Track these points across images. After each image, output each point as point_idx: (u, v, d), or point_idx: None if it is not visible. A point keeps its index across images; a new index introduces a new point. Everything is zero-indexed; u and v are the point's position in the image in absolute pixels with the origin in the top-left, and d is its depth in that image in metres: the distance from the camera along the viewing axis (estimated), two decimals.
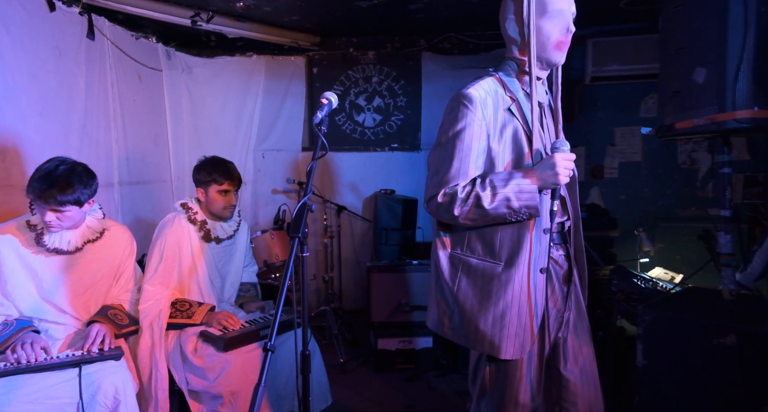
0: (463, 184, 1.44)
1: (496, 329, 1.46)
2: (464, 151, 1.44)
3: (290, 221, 1.39)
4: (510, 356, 1.46)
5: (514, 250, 1.46)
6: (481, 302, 1.48)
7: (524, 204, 1.39)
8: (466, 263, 1.51)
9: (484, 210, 1.40)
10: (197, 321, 2.14)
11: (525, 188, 1.39)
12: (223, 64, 4.26)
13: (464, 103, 1.44)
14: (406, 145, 4.55)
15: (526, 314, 1.47)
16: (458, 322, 1.52)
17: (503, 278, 1.46)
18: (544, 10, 1.44)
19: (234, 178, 2.26)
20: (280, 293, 1.23)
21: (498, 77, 1.54)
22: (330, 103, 1.57)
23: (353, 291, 4.49)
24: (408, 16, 3.85)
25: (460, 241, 1.54)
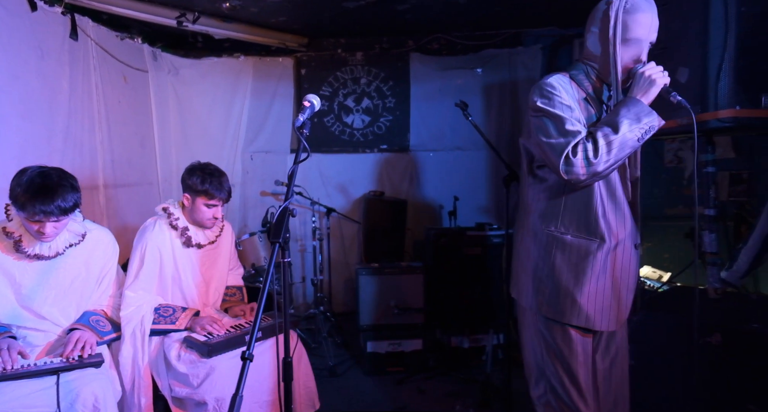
0: (583, 135, 1.48)
1: (591, 302, 1.55)
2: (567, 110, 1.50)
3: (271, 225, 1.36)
4: (605, 327, 1.56)
5: (610, 226, 1.55)
6: (576, 277, 1.56)
7: (645, 120, 1.44)
8: (561, 240, 1.58)
9: (615, 142, 1.43)
10: (181, 326, 2.11)
11: (636, 108, 1.45)
12: (211, 65, 4.22)
13: (548, 89, 1.53)
14: (395, 146, 4.54)
15: (621, 289, 1.58)
16: (553, 297, 1.59)
17: (599, 254, 1.54)
18: (623, 36, 1.50)
19: (224, 194, 2.22)
20: (260, 301, 1.21)
21: (568, 75, 1.61)
22: (312, 106, 1.55)
23: (343, 293, 4.47)
24: (396, 17, 3.84)
25: (554, 219, 1.60)
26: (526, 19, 4.04)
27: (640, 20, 1.48)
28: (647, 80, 1.46)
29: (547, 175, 1.62)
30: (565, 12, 3.87)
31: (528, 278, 1.66)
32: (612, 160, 1.44)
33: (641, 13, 1.48)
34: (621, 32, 1.49)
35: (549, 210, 1.61)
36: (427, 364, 3.32)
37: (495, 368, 3.16)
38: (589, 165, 1.44)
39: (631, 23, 1.49)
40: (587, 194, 1.56)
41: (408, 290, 3.36)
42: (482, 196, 4.49)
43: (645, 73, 1.47)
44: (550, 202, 1.62)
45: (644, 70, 1.48)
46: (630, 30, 1.49)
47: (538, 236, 1.63)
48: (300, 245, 4.49)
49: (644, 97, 1.47)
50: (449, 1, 3.48)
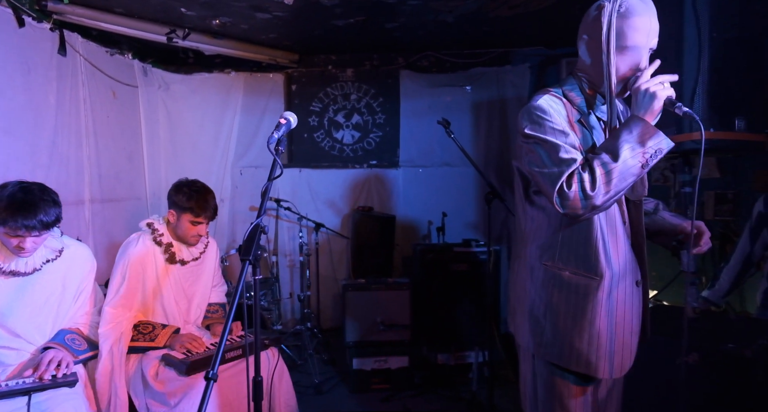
0: (579, 164, 1.32)
1: (593, 347, 1.39)
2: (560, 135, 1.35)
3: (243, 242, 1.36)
4: (608, 375, 1.40)
5: (611, 262, 1.39)
6: (575, 319, 1.40)
7: (650, 143, 1.26)
8: (558, 277, 1.42)
9: (614, 172, 1.26)
10: (160, 344, 2.09)
11: (638, 129, 1.27)
12: (201, 81, 4.25)
13: (537, 113, 1.38)
14: (384, 162, 4.56)
15: (624, 332, 1.41)
16: (550, 339, 1.43)
17: (599, 293, 1.38)
18: (619, 43, 1.33)
19: (210, 212, 2.22)
20: (227, 320, 1.21)
21: (555, 94, 1.44)
22: (288, 123, 1.57)
23: (331, 309, 4.44)
24: (385, 35, 3.90)
25: (551, 252, 1.44)
26: (513, 38, 4.10)
27: (636, 25, 1.31)
28: (647, 95, 1.28)
29: (545, 203, 1.45)
30: (552, 33, 3.94)
31: (524, 316, 1.50)
32: (612, 192, 1.27)
33: (637, 17, 1.31)
34: (616, 40, 1.32)
35: (546, 241, 1.46)
36: (413, 381, 3.29)
37: (481, 386, 3.14)
38: (586, 198, 1.27)
39: (626, 29, 1.31)
40: (586, 226, 1.40)
41: (395, 307, 3.35)
42: (471, 212, 4.50)
43: (641, 88, 1.29)
44: (547, 232, 1.46)
45: (640, 85, 1.30)
46: (626, 37, 1.32)
47: (534, 270, 1.47)
48: (289, 261, 4.47)
49: (648, 115, 1.29)
50: (438, 20, 3.53)
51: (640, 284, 1.45)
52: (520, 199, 1.54)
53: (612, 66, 1.33)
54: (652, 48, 1.36)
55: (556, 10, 3.30)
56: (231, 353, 2.12)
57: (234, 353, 2.12)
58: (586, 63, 1.43)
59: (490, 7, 3.26)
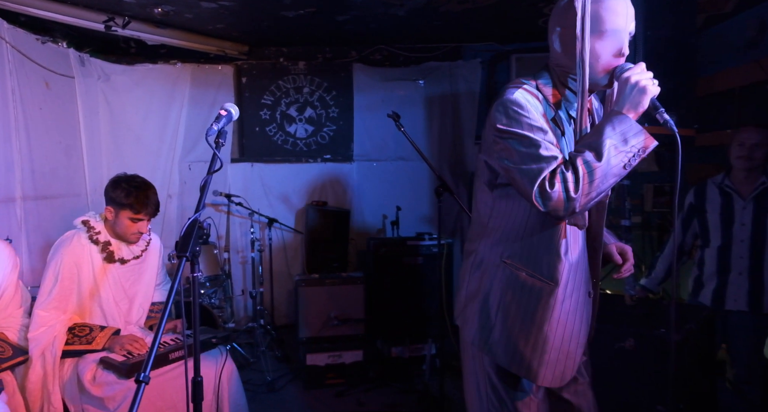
0: (558, 162, 1.24)
1: (536, 353, 1.34)
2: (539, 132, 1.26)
3: (179, 238, 1.31)
4: (548, 383, 1.36)
5: (565, 270, 1.34)
6: (524, 322, 1.35)
7: (633, 142, 1.19)
8: (515, 276, 1.37)
9: (597, 172, 1.18)
10: (98, 347, 2.00)
11: (622, 126, 1.19)
12: (145, 72, 4.07)
13: (513, 108, 1.28)
14: (339, 156, 4.52)
15: (570, 342, 1.36)
16: (497, 338, 1.38)
17: (551, 300, 1.33)
18: (597, 28, 1.25)
19: (151, 208, 2.12)
20: (161, 320, 1.16)
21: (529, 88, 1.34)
22: (229, 115, 1.52)
23: (285, 306, 4.38)
24: (337, 28, 3.85)
25: (512, 250, 1.38)
26: (465, 33, 4.15)
27: (613, 8, 1.25)
28: (636, 89, 1.20)
29: (513, 200, 1.38)
30: (503, 29, 4.01)
31: (474, 312, 1.44)
32: (594, 193, 1.20)
33: (617, 2, 1.25)
34: (592, 24, 1.25)
35: (509, 239, 1.39)
36: (368, 375, 3.30)
37: (434, 378, 3.18)
38: (569, 200, 1.19)
39: (603, 12, 1.24)
40: (551, 230, 1.34)
41: (349, 301, 3.34)
42: (425, 206, 4.54)
43: (631, 79, 1.20)
44: (511, 230, 1.39)
45: (630, 76, 1.21)
46: (604, 20, 1.24)
47: (491, 266, 1.41)
48: (241, 257, 4.37)
49: (632, 111, 1.21)
50: (389, 14, 3.52)
51: (591, 294, 1.43)
52: (483, 193, 1.45)
53: (586, 52, 1.25)
54: (631, 32, 1.29)
55: (506, 5, 3.36)
56: (176, 353, 2.06)
57: (178, 354, 2.05)
58: (559, 53, 1.33)
59: (440, 2, 3.28)
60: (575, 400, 1.48)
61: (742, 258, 2.38)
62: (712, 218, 2.48)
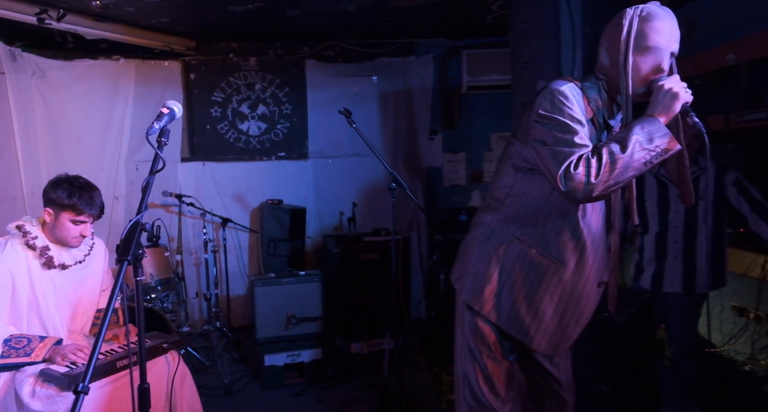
0: (588, 150, 1.34)
1: (535, 322, 1.49)
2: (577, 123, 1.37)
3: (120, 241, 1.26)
4: (542, 349, 1.52)
5: (574, 255, 1.47)
6: (528, 292, 1.49)
7: (657, 142, 1.30)
8: (526, 252, 1.50)
9: (619, 162, 1.29)
10: (38, 358, 1.89)
11: (651, 127, 1.31)
12: (85, 68, 3.88)
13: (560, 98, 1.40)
14: (293, 153, 4.47)
15: (570, 321, 1.51)
16: (502, 303, 1.52)
17: (555, 278, 1.48)
18: (640, 44, 1.38)
19: (95, 210, 2.02)
20: (101, 327, 1.12)
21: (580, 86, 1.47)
22: (172, 113, 1.47)
23: (243, 307, 4.30)
24: (288, 23, 3.80)
25: (526, 229, 1.51)
26: (417, 29, 4.19)
27: (657, 28, 1.36)
28: (668, 94, 1.32)
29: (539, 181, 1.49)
30: (453, 25, 4.07)
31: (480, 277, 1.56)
32: (612, 181, 1.30)
33: (659, 21, 1.36)
34: (636, 40, 1.36)
35: (525, 218, 1.52)
36: (327, 373, 3.30)
37: (393, 372, 3.21)
38: (588, 183, 1.29)
39: (648, 31, 1.36)
40: (563, 219, 1.47)
41: (306, 299, 3.32)
42: (381, 201, 4.54)
43: (665, 86, 1.33)
44: (526, 207, 1.52)
45: (664, 83, 1.34)
46: (647, 38, 1.36)
47: (502, 239, 1.54)
48: (194, 259, 4.26)
49: (663, 115, 1.33)
50: (339, 9, 3.50)
51: (603, 285, 1.54)
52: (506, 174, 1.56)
53: (629, 65, 1.37)
54: (674, 52, 1.40)
55: (454, 1, 3.41)
56: (123, 361, 1.98)
57: (126, 361, 1.98)
58: (606, 65, 1.46)
59: None
60: (557, 373, 1.63)
61: (677, 243, 2.52)
62: (650, 205, 2.61)
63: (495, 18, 3.78)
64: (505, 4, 3.43)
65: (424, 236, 4.51)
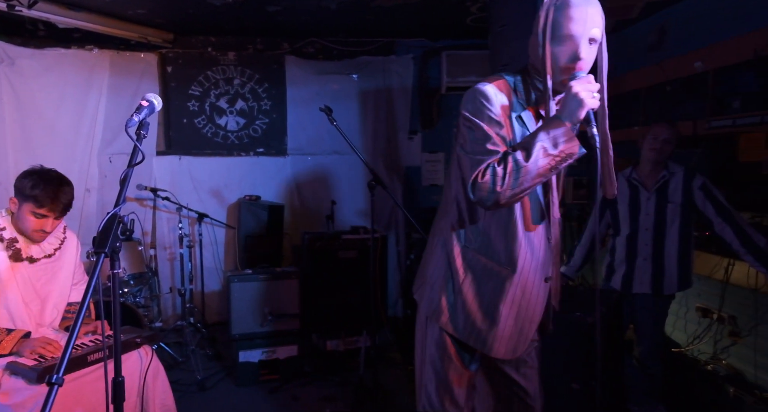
0: (496, 158, 1.34)
1: (491, 329, 1.49)
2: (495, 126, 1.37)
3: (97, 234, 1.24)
4: (500, 355, 1.51)
5: (522, 257, 1.46)
6: (481, 301, 1.49)
7: (562, 147, 1.28)
8: (477, 261, 1.50)
9: (523, 170, 1.28)
10: (5, 351, 1.85)
11: (556, 131, 1.29)
12: (57, 57, 3.78)
13: (481, 99, 1.38)
14: (272, 149, 4.44)
15: (524, 321, 1.50)
16: (458, 314, 1.52)
17: (507, 284, 1.47)
18: (555, 33, 1.35)
19: (58, 205, 1.96)
20: (76, 319, 1.10)
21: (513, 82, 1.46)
22: (151, 106, 1.45)
23: (218, 303, 4.26)
24: (268, 19, 3.77)
25: (473, 237, 1.51)
26: (397, 29, 4.21)
27: (572, 15, 1.33)
28: (575, 100, 1.28)
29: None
30: (433, 25, 4.10)
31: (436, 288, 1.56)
32: (518, 189, 1.30)
33: (574, 8, 1.33)
34: (552, 30, 1.35)
35: (470, 221, 1.51)
36: (303, 370, 3.29)
37: (369, 369, 3.23)
38: (493, 192, 1.31)
39: (562, 19, 1.33)
40: (506, 219, 1.46)
41: (283, 296, 3.30)
42: (360, 199, 4.56)
43: (572, 90, 1.29)
44: (473, 211, 1.51)
45: (573, 85, 1.29)
46: (562, 26, 1.34)
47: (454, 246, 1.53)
48: (169, 253, 4.19)
49: (569, 120, 1.29)
50: (321, 6, 3.50)
51: (549, 280, 1.54)
52: (456, 178, 1.53)
53: (548, 59, 1.35)
54: (594, 38, 1.35)
55: (436, 2, 3.44)
56: (95, 355, 1.95)
57: (98, 355, 1.94)
58: (530, 58, 1.45)
59: None
60: (524, 382, 1.60)
61: (647, 245, 2.61)
62: (622, 208, 2.69)
63: (475, 20, 3.82)
64: (484, 7, 3.48)
65: (402, 234, 4.54)
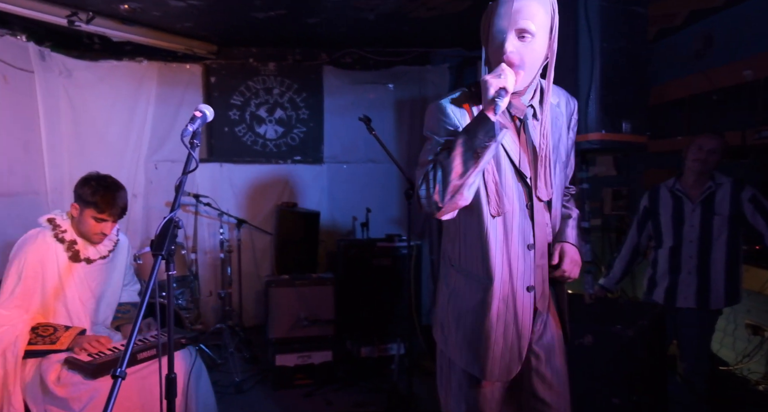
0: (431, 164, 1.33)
1: (481, 349, 1.39)
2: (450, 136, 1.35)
3: (155, 237, 1.31)
4: (495, 378, 1.41)
5: (498, 265, 1.38)
6: (467, 319, 1.42)
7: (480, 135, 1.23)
8: (458, 277, 1.45)
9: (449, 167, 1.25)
10: (62, 347, 1.95)
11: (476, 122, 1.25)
12: (110, 69, 3.98)
13: (438, 114, 1.39)
14: (309, 157, 4.54)
15: (511, 335, 1.40)
16: (450, 335, 1.46)
17: (487, 296, 1.38)
18: (488, 35, 1.36)
19: (116, 210, 2.08)
20: (136, 317, 1.17)
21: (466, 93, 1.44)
22: (204, 117, 1.53)
23: (254, 307, 4.35)
24: (307, 30, 3.87)
25: (456, 253, 1.46)
26: (433, 39, 4.25)
27: (499, 12, 1.33)
28: (483, 85, 1.25)
29: None
30: (469, 35, 4.12)
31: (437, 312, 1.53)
32: (450, 186, 1.26)
33: (500, 5, 1.33)
34: (489, 33, 1.35)
35: (453, 242, 1.48)
36: (337, 375, 3.33)
37: (402, 377, 3.23)
38: (428, 197, 1.29)
39: (493, 19, 1.34)
40: (478, 228, 1.39)
41: (319, 302, 3.36)
42: (394, 208, 4.60)
43: (482, 78, 1.27)
44: (454, 233, 1.47)
45: (484, 76, 1.27)
46: (492, 25, 1.34)
47: (445, 266, 1.50)
48: (209, 258, 4.32)
49: (485, 106, 1.24)
50: (359, 18, 3.57)
51: (532, 289, 1.42)
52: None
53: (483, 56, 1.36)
54: (525, 30, 1.30)
55: (472, 12, 3.46)
56: (143, 353, 2.03)
57: (146, 354, 2.03)
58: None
59: (410, 8, 3.36)
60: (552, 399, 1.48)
61: (691, 258, 2.53)
62: (665, 220, 2.63)
63: None
64: None
65: (435, 243, 4.54)
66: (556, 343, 1.51)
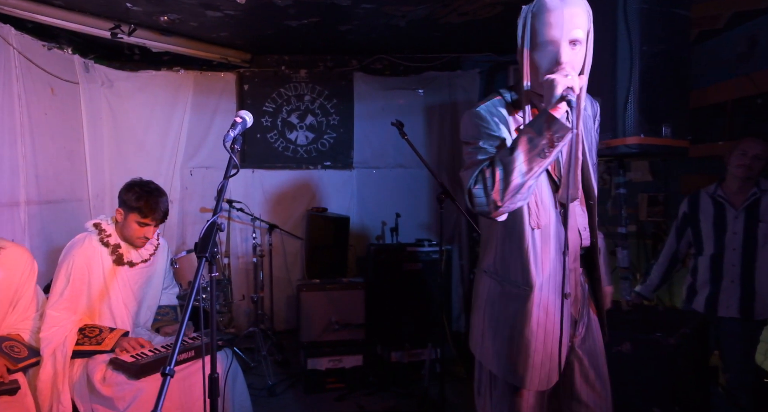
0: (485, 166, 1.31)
1: (521, 358, 1.38)
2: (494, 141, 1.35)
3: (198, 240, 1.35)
4: (535, 387, 1.39)
5: (537, 274, 1.38)
6: (504, 328, 1.41)
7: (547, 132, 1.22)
8: (494, 285, 1.44)
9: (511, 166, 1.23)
10: (107, 348, 2.03)
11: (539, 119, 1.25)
12: (148, 79, 4.12)
13: (475, 120, 1.39)
14: (339, 163, 4.58)
15: (552, 344, 1.38)
16: (488, 345, 1.45)
17: (526, 304, 1.37)
18: (534, 41, 1.33)
19: (159, 214, 2.16)
20: (183, 316, 1.21)
21: (504, 100, 1.44)
22: (244, 122, 1.57)
23: (285, 311, 4.41)
24: (339, 37, 3.93)
25: (491, 260, 1.46)
26: (464, 44, 4.24)
27: (548, 21, 1.30)
28: (549, 83, 1.24)
29: None
30: (500, 40, 4.10)
31: (473, 320, 1.52)
32: (512, 185, 1.24)
33: (548, 13, 1.30)
34: (531, 39, 1.33)
35: (491, 250, 1.47)
36: (368, 380, 3.34)
37: (433, 383, 3.22)
38: (486, 196, 1.27)
39: (539, 26, 1.31)
40: (519, 235, 1.38)
41: (349, 306, 3.38)
42: (424, 212, 4.60)
43: (548, 77, 1.26)
44: (491, 241, 1.47)
45: (547, 76, 1.27)
46: (539, 33, 1.31)
47: (481, 275, 1.50)
48: (241, 262, 4.40)
49: (549, 104, 1.24)
50: (390, 24, 3.60)
51: (569, 296, 1.41)
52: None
53: (525, 68, 1.34)
54: (577, 40, 1.30)
55: (503, 18, 3.45)
56: (183, 355, 2.09)
57: (186, 355, 2.08)
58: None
59: (440, 14, 3.37)
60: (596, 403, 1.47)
61: (734, 266, 2.45)
62: (705, 226, 2.55)
63: None
64: None
65: (465, 248, 4.52)
66: (598, 346, 1.50)
